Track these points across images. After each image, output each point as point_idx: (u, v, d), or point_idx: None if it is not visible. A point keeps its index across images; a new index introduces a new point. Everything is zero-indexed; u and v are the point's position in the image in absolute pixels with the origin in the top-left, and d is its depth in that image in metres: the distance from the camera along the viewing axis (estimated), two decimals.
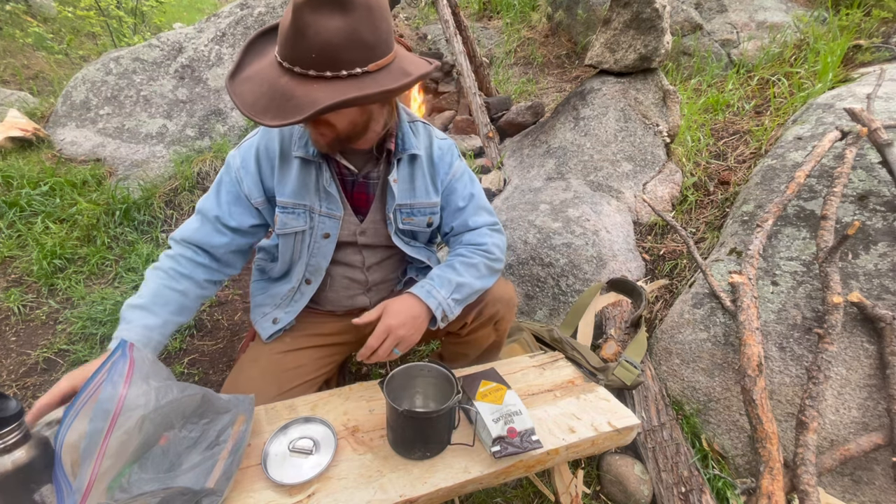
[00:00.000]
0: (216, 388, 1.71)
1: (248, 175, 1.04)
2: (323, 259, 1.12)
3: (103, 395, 0.68)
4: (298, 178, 1.03)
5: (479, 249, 1.13)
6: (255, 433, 0.95)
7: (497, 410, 0.97)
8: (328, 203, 1.06)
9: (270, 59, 0.83)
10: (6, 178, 2.51)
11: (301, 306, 1.18)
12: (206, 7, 6.59)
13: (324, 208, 1.06)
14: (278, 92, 0.79)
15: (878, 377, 1.33)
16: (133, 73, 3.15)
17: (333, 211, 1.07)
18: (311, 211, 1.06)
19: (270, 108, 0.78)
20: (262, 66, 0.84)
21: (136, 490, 0.71)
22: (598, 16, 3.94)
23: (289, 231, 1.07)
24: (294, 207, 1.05)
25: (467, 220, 1.19)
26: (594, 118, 2.53)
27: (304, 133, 1.01)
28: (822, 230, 1.52)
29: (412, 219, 1.14)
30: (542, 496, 1.35)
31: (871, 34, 3.23)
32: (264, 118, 0.78)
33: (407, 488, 0.84)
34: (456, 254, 1.14)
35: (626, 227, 2.18)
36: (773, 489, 1.20)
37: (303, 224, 1.06)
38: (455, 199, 1.18)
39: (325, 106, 0.76)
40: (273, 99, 0.79)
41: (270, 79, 0.81)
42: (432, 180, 1.15)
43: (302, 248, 1.10)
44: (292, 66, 0.78)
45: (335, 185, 1.06)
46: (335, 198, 1.06)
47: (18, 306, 1.96)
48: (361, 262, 1.19)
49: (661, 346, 1.67)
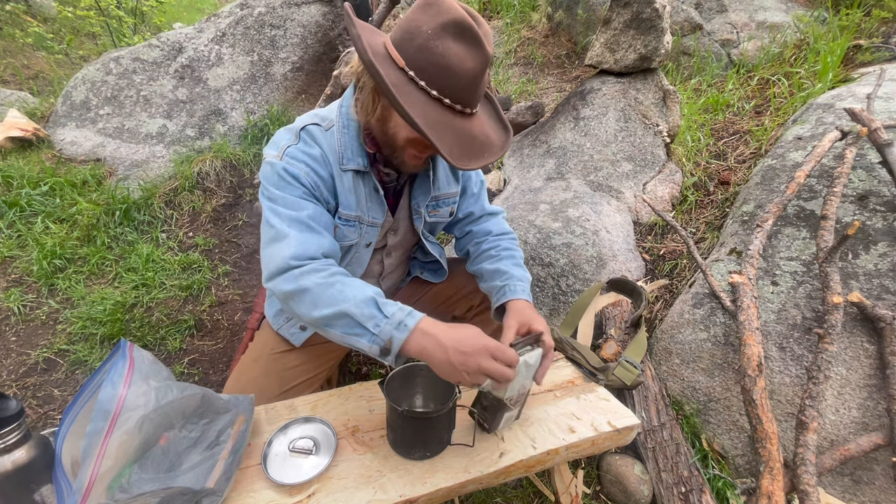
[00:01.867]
0: (216, 388, 1.71)
1: (321, 180, 0.95)
2: (359, 267, 1.11)
3: (103, 396, 0.68)
4: (353, 189, 1.00)
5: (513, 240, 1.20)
6: (255, 433, 0.95)
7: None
8: (374, 212, 1.04)
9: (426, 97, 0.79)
10: (6, 178, 2.51)
11: None
12: (206, 7, 6.59)
13: (370, 217, 1.04)
14: (470, 139, 0.83)
15: (878, 377, 1.33)
16: (133, 73, 3.15)
17: (377, 219, 1.05)
18: (361, 221, 1.03)
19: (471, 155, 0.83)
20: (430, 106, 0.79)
21: (136, 490, 0.71)
22: (598, 16, 3.94)
23: (346, 243, 1.04)
24: (353, 219, 1.02)
25: (483, 204, 1.24)
26: (594, 118, 2.53)
27: (348, 145, 0.96)
28: (822, 230, 1.52)
29: (438, 210, 1.15)
30: (542, 496, 1.35)
31: (871, 34, 3.23)
32: (469, 165, 0.82)
33: (407, 488, 0.84)
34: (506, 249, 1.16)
35: (626, 227, 2.18)
36: (773, 489, 1.20)
37: (356, 236, 1.04)
38: (471, 185, 1.21)
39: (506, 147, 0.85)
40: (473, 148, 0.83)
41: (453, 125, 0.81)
42: (452, 170, 1.15)
43: (344, 258, 1.08)
44: (465, 108, 0.82)
45: (381, 194, 1.03)
46: (382, 206, 1.04)
47: (18, 306, 1.96)
48: (380, 272, 1.19)
49: (661, 346, 1.67)
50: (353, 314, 0.80)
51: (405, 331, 0.78)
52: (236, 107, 3.06)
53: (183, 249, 2.39)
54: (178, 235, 2.45)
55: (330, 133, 0.97)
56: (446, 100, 0.79)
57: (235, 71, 3.15)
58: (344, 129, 0.97)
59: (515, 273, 1.08)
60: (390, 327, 0.78)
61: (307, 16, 3.27)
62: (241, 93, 3.10)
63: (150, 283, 2.13)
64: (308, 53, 3.27)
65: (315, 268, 0.85)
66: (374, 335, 0.79)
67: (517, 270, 1.09)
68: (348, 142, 0.96)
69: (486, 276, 1.11)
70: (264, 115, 3.00)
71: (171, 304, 2.07)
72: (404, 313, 0.80)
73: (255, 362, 1.15)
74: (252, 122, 2.95)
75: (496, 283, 1.07)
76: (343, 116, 0.97)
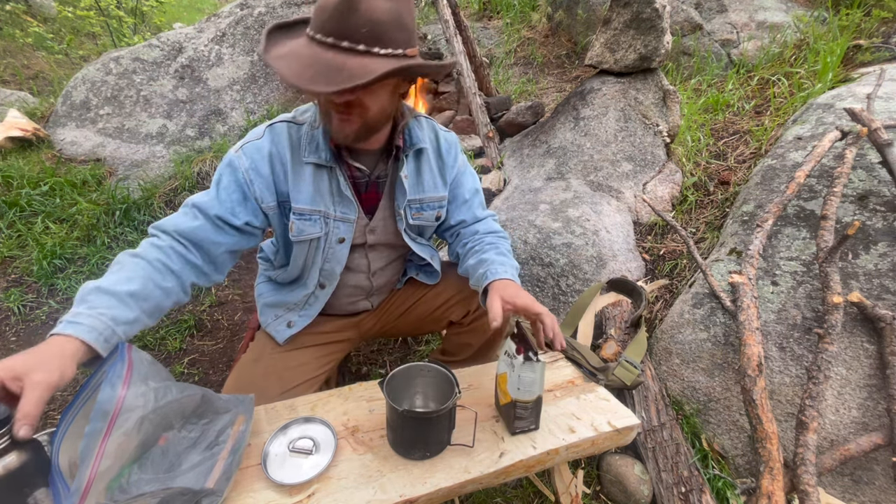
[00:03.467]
0: (216, 388, 1.71)
1: (261, 178, 1.00)
2: (337, 264, 1.12)
3: (102, 396, 0.68)
4: (312, 184, 1.02)
5: (501, 238, 1.19)
6: (255, 433, 0.95)
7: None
8: (342, 207, 1.05)
9: (304, 39, 0.83)
10: (6, 178, 2.51)
11: (316, 310, 1.18)
12: (206, 7, 6.59)
13: (338, 213, 1.05)
14: (324, 64, 0.79)
15: (878, 377, 1.33)
16: (133, 73, 3.15)
17: (348, 215, 1.06)
18: (326, 216, 1.04)
19: (318, 78, 0.78)
20: (296, 45, 0.84)
21: (135, 490, 0.71)
22: (598, 16, 3.94)
23: (305, 238, 1.05)
24: (311, 214, 1.03)
25: (475, 211, 1.22)
26: (594, 118, 2.53)
27: (313, 138, 1.00)
28: (822, 230, 1.52)
29: (421, 213, 1.15)
30: (542, 496, 1.35)
31: (871, 34, 3.23)
32: (316, 86, 0.77)
33: (407, 488, 0.84)
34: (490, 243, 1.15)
35: (626, 227, 2.18)
36: (773, 489, 1.20)
37: (319, 230, 1.05)
38: (462, 192, 1.20)
39: (386, 71, 0.77)
40: (320, 71, 0.78)
41: (312, 54, 0.80)
42: (440, 173, 1.15)
43: (316, 254, 1.09)
44: (338, 40, 0.79)
45: (350, 189, 1.04)
46: (350, 201, 1.05)
47: (18, 306, 1.96)
48: (367, 267, 1.19)
49: (661, 346, 1.67)
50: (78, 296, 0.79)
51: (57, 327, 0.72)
52: (236, 107, 3.07)
53: None
54: None
55: (297, 128, 1.02)
56: (317, 35, 0.80)
57: (235, 71, 3.15)
58: (314, 123, 1.01)
59: (497, 259, 1.07)
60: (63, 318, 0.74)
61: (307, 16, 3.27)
62: (241, 93, 3.10)
63: None
64: None
65: (144, 244, 0.91)
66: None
67: (499, 257, 1.09)
68: (315, 136, 1.01)
69: (471, 270, 1.11)
70: (264, 115, 3.00)
71: None
72: (70, 317, 0.73)
73: (255, 362, 1.15)
74: (252, 122, 2.95)
75: (478, 273, 1.07)
76: (315, 112, 1.02)
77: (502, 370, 0.99)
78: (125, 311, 0.79)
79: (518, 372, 0.92)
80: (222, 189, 1.00)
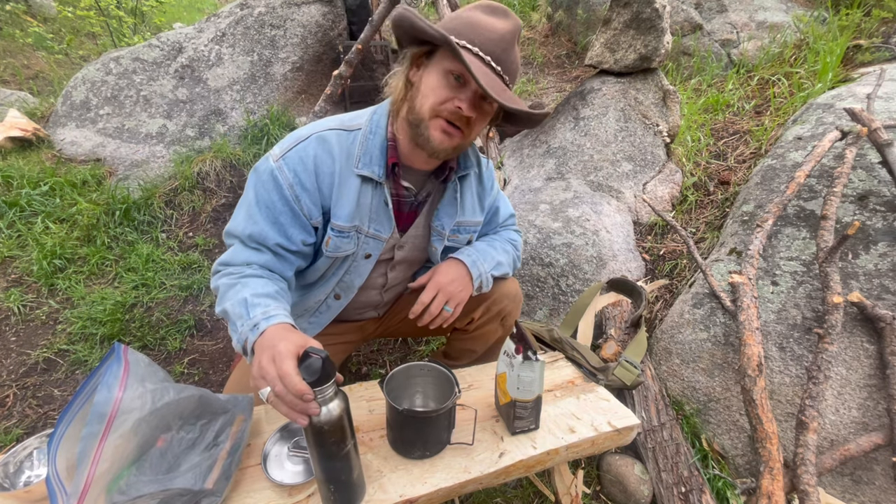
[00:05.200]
0: (216, 388, 1.71)
1: (307, 192, 0.93)
2: (358, 277, 1.09)
3: (98, 399, 0.68)
4: (356, 198, 0.96)
5: (511, 243, 1.21)
6: (254, 433, 0.95)
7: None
8: (377, 224, 1.00)
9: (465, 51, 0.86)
10: (6, 178, 2.51)
11: (328, 319, 1.15)
12: (206, 7, 6.59)
13: (371, 229, 1.00)
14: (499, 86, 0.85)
15: (878, 377, 1.33)
16: (133, 73, 3.15)
17: (381, 233, 1.02)
18: (359, 231, 1.00)
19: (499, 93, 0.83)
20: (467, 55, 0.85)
21: (134, 492, 0.71)
22: (598, 16, 3.94)
23: (339, 255, 1.01)
24: (348, 231, 0.98)
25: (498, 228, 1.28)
26: (594, 118, 2.53)
27: (367, 150, 0.95)
28: (822, 230, 1.52)
29: (457, 236, 1.13)
30: (542, 496, 1.35)
31: (871, 34, 3.22)
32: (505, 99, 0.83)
33: (407, 488, 0.84)
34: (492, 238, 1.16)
35: (626, 227, 2.18)
36: (773, 489, 1.20)
37: (353, 247, 1.01)
38: (497, 218, 1.25)
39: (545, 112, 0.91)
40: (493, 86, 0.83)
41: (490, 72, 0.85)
42: (479, 200, 1.15)
43: (340, 267, 1.06)
44: (496, 64, 0.85)
45: (390, 207, 0.99)
46: (387, 220, 1.01)
47: (18, 306, 1.96)
48: (382, 285, 1.17)
49: (661, 346, 1.67)
50: (230, 312, 0.83)
51: (256, 332, 0.78)
52: (236, 107, 3.06)
53: (183, 249, 2.39)
54: (178, 235, 2.45)
55: (351, 136, 0.96)
56: (481, 53, 0.84)
57: (235, 71, 3.15)
58: (369, 135, 0.96)
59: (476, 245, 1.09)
60: (247, 328, 0.79)
61: (307, 16, 3.27)
62: (241, 93, 3.10)
63: (150, 283, 2.13)
64: (308, 53, 3.27)
65: (231, 271, 0.91)
66: (238, 333, 0.81)
67: (480, 244, 1.10)
68: (370, 147, 0.95)
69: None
70: (264, 115, 2.99)
71: (171, 304, 2.07)
72: (264, 317, 0.80)
73: None
74: (252, 122, 2.95)
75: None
76: (372, 123, 0.97)
77: (502, 370, 0.99)
78: (285, 303, 0.88)
79: (517, 371, 0.91)
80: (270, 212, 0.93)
